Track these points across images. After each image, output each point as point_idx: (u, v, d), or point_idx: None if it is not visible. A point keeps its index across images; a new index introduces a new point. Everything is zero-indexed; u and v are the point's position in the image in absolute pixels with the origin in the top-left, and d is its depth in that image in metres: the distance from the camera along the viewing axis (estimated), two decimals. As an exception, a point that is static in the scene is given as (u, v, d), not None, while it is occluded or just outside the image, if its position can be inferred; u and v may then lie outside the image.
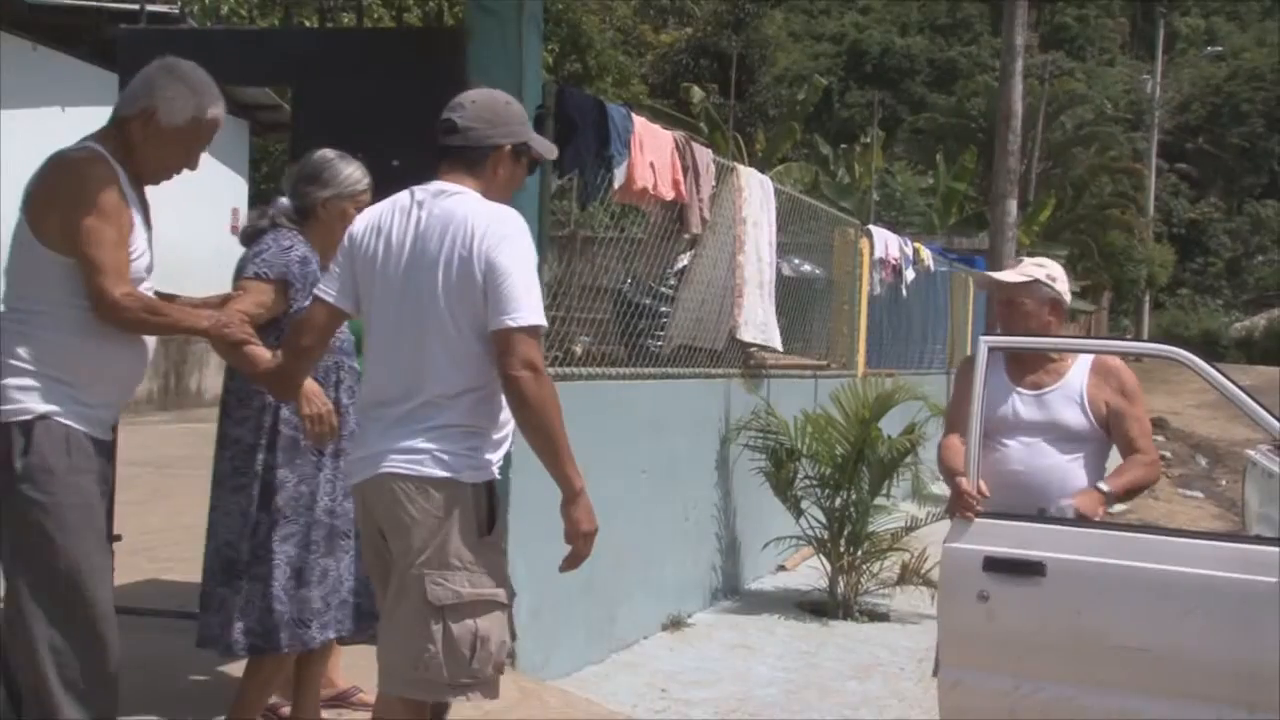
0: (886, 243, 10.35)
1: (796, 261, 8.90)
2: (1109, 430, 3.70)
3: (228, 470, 3.51)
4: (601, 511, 2.92)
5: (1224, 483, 14.68)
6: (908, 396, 7.02)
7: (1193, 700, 3.21)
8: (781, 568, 7.71)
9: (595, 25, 25.30)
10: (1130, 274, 33.63)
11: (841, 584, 6.78)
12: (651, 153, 5.69)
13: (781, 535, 7.08)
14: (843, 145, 29.74)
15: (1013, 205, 14.36)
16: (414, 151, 4.89)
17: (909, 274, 11.06)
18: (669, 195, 5.94)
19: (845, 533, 6.80)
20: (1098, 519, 3.56)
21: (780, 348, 7.55)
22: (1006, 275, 3.88)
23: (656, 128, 5.90)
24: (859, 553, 6.80)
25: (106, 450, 3.07)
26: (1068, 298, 3.87)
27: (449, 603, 2.73)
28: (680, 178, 6.04)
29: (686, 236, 6.57)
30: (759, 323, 7.15)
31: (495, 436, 2.86)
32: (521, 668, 4.66)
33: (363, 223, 2.96)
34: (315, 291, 2.99)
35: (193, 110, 3.06)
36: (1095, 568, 3.34)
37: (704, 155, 6.37)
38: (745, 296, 6.94)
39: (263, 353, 3.13)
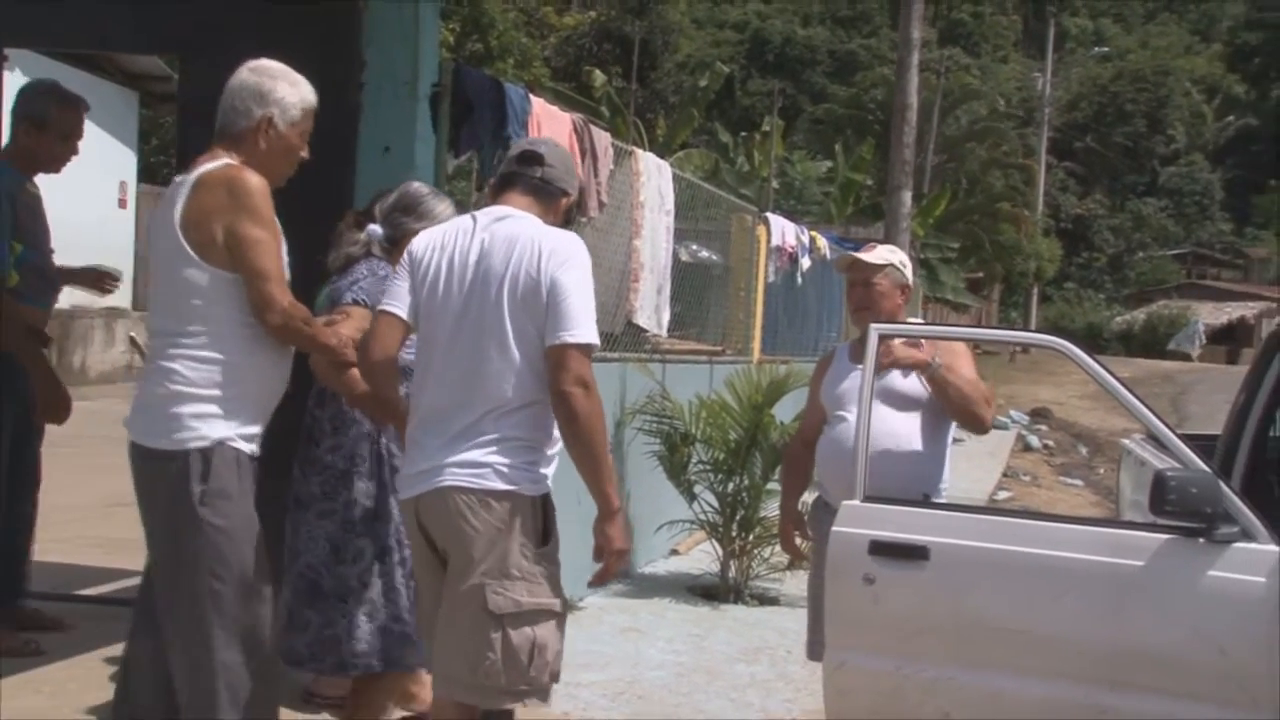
0: (783, 230, 10.47)
1: (694, 248, 8.95)
2: None
3: (314, 494, 3.54)
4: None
5: (1102, 471, 15.17)
6: (801, 383, 7.10)
7: (1064, 679, 3.31)
8: (674, 552, 7.77)
9: (497, 6, 25.07)
10: (1020, 267, 34.51)
11: (733, 568, 6.85)
12: (550, 133, 5.64)
13: (674, 519, 7.13)
14: (743, 133, 29.96)
15: (907, 196, 14.66)
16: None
17: (805, 262, 11.20)
18: (567, 178, 5.91)
19: (737, 517, 6.87)
20: (908, 360, 3.70)
21: (663, 333, 7.57)
22: (867, 256, 4.03)
23: (555, 109, 5.87)
24: (750, 537, 6.88)
25: (258, 467, 3.11)
26: (912, 282, 4.09)
27: (509, 611, 2.84)
28: (578, 160, 6.02)
29: (583, 220, 6.55)
30: (653, 307, 7.18)
31: (549, 452, 2.99)
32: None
33: (424, 241, 3.04)
34: (381, 306, 3.02)
35: (299, 101, 3.13)
36: (977, 552, 3.42)
37: (602, 139, 6.36)
38: (641, 281, 6.96)
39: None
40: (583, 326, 2.85)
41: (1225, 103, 59.94)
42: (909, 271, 4.06)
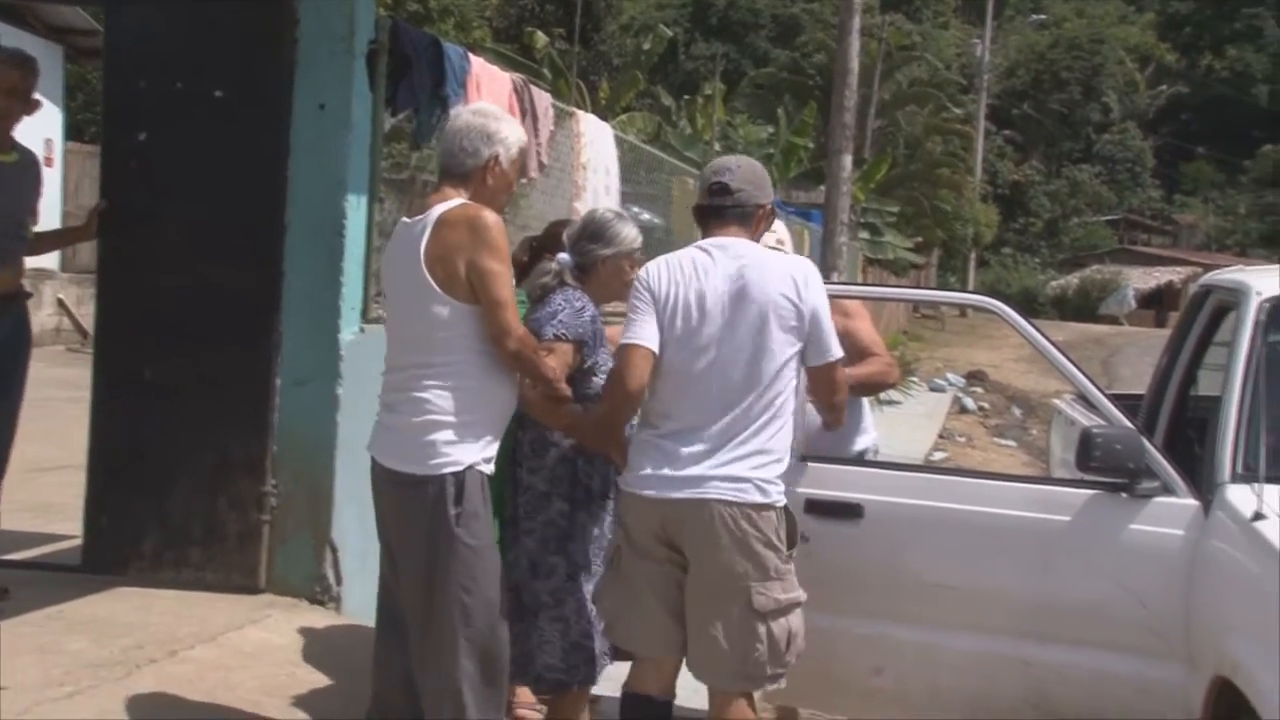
0: (724, 194, 10.48)
1: (635, 210, 8.94)
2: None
3: (518, 514, 3.66)
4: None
5: (1035, 432, 15.42)
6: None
7: (993, 633, 3.40)
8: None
9: (437, -37, 24.64)
10: (959, 232, 34.80)
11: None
12: (489, 94, 5.61)
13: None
14: (685, 97, 29.83)
15: (848, 160, 14.73)
16: (236, 82, 4.73)
17: (745, 226, 11.23)
18: (506, 138, 5.88)
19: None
20: None
21: None
22: None
23: (495, 69, 5.83)
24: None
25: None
26: (791, 246, 4.19)
27: (771, 609, 3.14)
28: (519, 120, 5.98)
29: (524, 181, 6.52)
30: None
31: (790, 461, 3.24)
32: (353, 611, 4.62)
33: (661, 272, 3.26)
34: (630, 341, 3.22)
35: (517, 140, 3.30)
36: (910, 509, 3.49)
37: (543, 99, 6.32)
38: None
39: (575, 408, 3.44)
40: (837, 345, 3.24)
41: (1157, 71, 60.74)
42: (789, 246, 4.13)
